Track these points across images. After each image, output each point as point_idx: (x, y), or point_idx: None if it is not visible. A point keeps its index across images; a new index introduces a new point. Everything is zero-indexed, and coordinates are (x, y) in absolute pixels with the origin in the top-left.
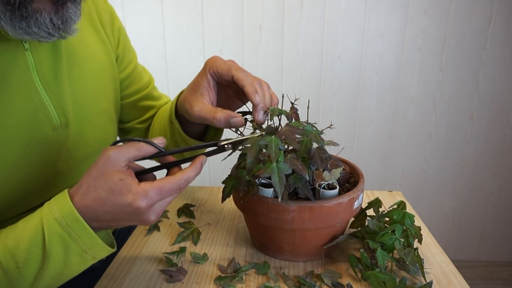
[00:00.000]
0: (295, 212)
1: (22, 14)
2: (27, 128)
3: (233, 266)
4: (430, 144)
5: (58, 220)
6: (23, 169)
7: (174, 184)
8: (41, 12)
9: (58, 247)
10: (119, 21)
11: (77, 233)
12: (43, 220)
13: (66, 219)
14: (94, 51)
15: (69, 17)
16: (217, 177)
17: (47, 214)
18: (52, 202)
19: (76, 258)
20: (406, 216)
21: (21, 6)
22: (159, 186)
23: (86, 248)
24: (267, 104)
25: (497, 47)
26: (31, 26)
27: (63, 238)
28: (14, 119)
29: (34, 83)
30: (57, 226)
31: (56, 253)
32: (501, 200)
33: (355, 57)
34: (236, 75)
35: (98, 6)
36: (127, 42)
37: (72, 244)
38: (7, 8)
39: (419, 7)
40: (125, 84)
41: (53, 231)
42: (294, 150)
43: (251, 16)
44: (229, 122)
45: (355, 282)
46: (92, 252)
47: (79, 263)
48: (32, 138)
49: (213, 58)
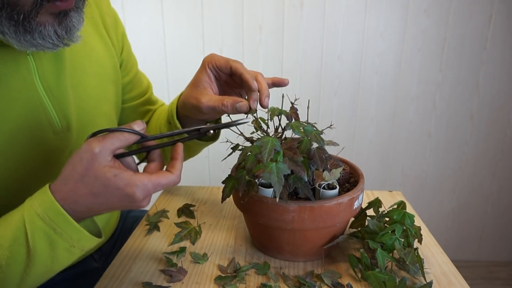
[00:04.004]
0: (295, 212)
1: (26, 29)
2: (29, 132)
3: (233, 266)
4: (430, 144)
5: (40, 215)
6: (24, 173)
7: (171, 181)
8: (44, 25)
9: (42, 244)
10: (123, 26)
11: (61, 227)
12: (24, 216)
13: (49, 213)
14: (97, 55)
15: (72, 26)
16: (217, 177)
17: (28, 210)
18: (33, 198)
19: (64, 254)
20: (406, 216)
21: (24, 21)
22: (157, 181)
23: (73, 242)
24: (266, 91)
25: (497, 47)
26: (36, 39)
27: (47, 233)
28: (15, 123)
29: (36, 87)
30: (40, 221)
31: (41, 250)
32: (501, 200)
33: (355, 57)
34: (234, 65)
35: (102, 10)
36: (130, 47)
37: (57, 240)
38: (10, 23)
39: (419, 7)
40: (128, 89)
41: (36, 226)
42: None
43: (251, 16)
44: (235, 106)
45: (355, 282)
46: (80, 245)
47: (67, 257)
48: (34, 142)
49: (211, 55)
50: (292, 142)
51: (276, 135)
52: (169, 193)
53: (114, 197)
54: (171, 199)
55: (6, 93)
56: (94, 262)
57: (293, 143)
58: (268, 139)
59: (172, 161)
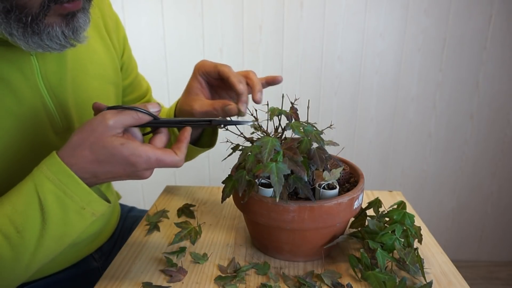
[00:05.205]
0: (295, 212)
1: (34, 30)
2: (30, 131)
3: (233, 266)
4: (430, 144)
5: (50, 178)
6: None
7: (174, 162)
8: (52, 26)
9: (54, 206)
10: (124, 30)
11: (71, 189)
12: (35, 181)
13: (58, 176)
14: (99, 57)
15: (79, 27)
16: (217, 177)
17: (38, 175)
18: (41, 165)
19: (75, 216)
20: (406, 216)
21: (32, 23)
22: (161, 157)
23: (83, 204)
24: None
25: (497, 47)
26: (44, 40)
27: (58, 196)
28: (17, 122)
29: (38, 87)
30: (50, 184)
31: (54, 212)
32: (501, 200)
33: (355, 57)
34: (221, 69)
35: (104, 12)
36: (130, 51)
37: (68, 202)
38: (19, 25)
39: (419, 7)
40: (128, 91)
41: (47, 189)
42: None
43: (251, 16)
44: (225, 110)
45: (355, 282)
46: (90, 207)
47: (79, 221)
48: (35, 141)
49: (201, 61)
50: (292, 142)
51: (276, 135)
52: (169, 193)
53: (119, 165)
54: (171, 199)
55: (9, 92)
56: (94, 262)
57: (293, 143)
58: (268, 139)
59: (178, 143)
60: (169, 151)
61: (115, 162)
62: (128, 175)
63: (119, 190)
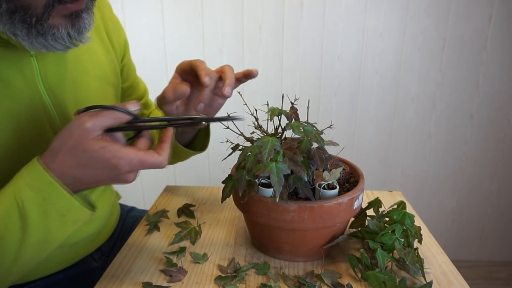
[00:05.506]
0: (295, 212)
1: (38, 31)
2: (30, 131)
3: (233, 266)
4: (430, 144)
5: (29, 185)
6: None
7: (158, 162)
8: (57, 28)
9: (34, 213)
10: (125, 35)
11: (51, 195)
12: (15, 187)
13: (38, 182)
14: (98, 58)
15: (84, 27)
16: (217, 177)
17: (18, 181)
18: (22, 171)
19: (55, 223)
20: (406, 216)
21: (37, 24)
22: (144, 158)
23: (63, 211)
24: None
25: (497, 47)
26: (48, 40)
27: (37, 202)
28: (16, 122)
29: (38, 88)
30: (30, 191)
31: (33, 219)
32: (501, 200)
33: (355, 57)
34: (194, 63)
35: (104, 14)
36: (130, 55)
37: (48, 208)
38: (23, 25)
39: (419, 7)
40: (127, 94)
41: (26, 196)
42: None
43: (251, 16)
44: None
45: (355, 282)
46: (71, 215)
47: (59, 228)
48: (35, 143)
49: (181, 61)
50: (292, 142)
51: (276, 135)
52: (169, 193)
53: (101, 168)
54: (171, 199)
55: (9, 92)
56: (94, 262)
57: (293, 143)
58: (268, 139)
59: (160, 143)
60: (152, 151)
61: (97, 165)
62: (112, 178)
63: (119, 190)
